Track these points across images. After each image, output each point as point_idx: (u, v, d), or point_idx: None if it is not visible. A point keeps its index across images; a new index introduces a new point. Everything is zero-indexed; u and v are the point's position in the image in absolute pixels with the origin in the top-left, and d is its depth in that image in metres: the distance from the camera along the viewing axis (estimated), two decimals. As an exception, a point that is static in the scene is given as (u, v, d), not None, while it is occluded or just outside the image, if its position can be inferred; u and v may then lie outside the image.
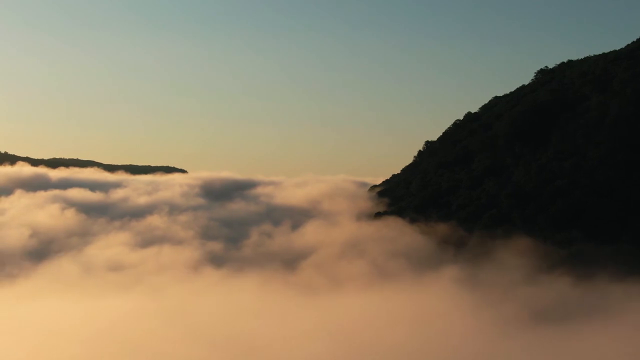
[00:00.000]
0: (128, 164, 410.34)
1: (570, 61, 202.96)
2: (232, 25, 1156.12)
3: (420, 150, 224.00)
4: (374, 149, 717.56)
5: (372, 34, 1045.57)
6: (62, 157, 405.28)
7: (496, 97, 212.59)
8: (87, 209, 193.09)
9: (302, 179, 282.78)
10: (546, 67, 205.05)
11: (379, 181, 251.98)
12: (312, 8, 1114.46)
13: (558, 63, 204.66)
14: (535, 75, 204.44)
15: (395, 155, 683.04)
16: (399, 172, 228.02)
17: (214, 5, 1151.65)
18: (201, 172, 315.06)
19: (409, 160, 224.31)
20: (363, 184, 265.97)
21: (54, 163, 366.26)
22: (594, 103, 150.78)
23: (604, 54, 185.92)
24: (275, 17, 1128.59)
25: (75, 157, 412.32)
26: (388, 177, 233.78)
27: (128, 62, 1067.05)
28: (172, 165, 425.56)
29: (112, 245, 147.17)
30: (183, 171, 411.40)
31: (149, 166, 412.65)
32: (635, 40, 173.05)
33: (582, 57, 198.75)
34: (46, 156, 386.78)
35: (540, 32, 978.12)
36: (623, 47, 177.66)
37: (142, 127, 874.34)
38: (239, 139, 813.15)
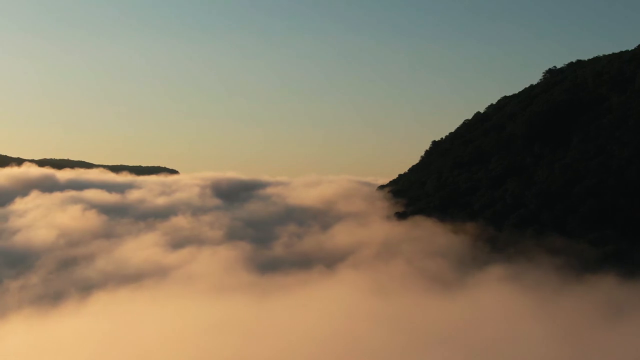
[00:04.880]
0: (119, 164, 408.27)
1: (579, 61, 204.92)
2: (230, 25, 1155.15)
3: (427, 150, 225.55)
4: (372, 149, 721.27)
5: (366, 34, 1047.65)
6: (53, 157, 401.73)
7: (505, 97, 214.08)
8: (107, 210, 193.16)
9: (308, 179, 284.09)
10: (554, 67, 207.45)
11: (380, 181, 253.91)
12: (316, 6, 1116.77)
13: (566, 63, 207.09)
14: (543, 75, 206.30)
15: (394, 155, 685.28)
16: (405, 171, 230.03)
17: (219, 6, 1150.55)
18: (203, 173, 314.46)
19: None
20: (367, 184, 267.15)
21: (47, 163, 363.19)
22: (615, 103, 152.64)
23: (614, 53, 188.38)
24: (277, 16, 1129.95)
25: (66, 158, 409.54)
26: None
27: (120, 62, 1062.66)
28: (163, 166, 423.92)
29: (145, 246, 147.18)
30: (175, 172, 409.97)
31: (140, 166, 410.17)
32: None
33: (589, 58, 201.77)
34: (37, 157, 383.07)
35: (539, 32, 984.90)
36: (635, 47, 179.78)
37: (131, 128, 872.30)
38: (228, 139, 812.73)
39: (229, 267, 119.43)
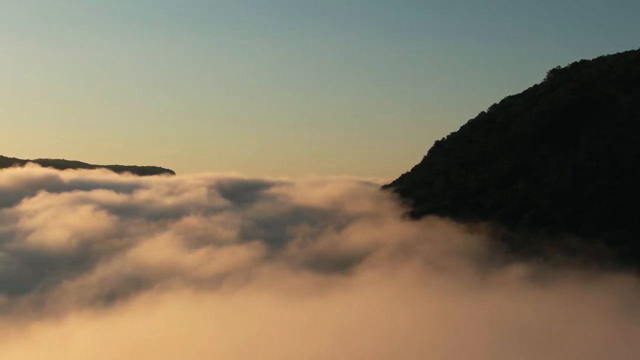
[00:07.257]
0: (116, 164, 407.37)
1: (583, 61, 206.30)
2: (230, 25, 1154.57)
3: (430, 150, 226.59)
4: (371, 150, 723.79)
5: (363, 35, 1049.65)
6: (49, 157, 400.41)
7: (509, 97, 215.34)
8: (117, 211, 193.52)
9: (311, 179, 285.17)
10: (558, 66, 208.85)
11: (380, 180, 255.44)
12: (316, 6, 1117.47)
13: (569, 63, 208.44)
14: (547, 75, 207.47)
15: (393, 155, 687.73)
16: (408, 171, 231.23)
17: (219, 6, 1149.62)
18: (202, 173, 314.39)
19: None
20: (367, 184, 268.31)
21: (45, 163, 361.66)
22: (623, 102, 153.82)
23: (619, 53, 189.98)
24: (277, 16, 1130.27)
25: (61, 158, 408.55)
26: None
27: (119, 62, 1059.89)
28: (159, 166, 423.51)
29: (163, 246, 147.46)
30: (171, 172, 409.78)
31: (135, 166, 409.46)
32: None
33: (592, 58, 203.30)
34: (32, 157, 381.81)
35: (540, 33, 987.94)
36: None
37: (129, 128, 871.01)
38: (226, 139, 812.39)
39: (255, 267, 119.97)
